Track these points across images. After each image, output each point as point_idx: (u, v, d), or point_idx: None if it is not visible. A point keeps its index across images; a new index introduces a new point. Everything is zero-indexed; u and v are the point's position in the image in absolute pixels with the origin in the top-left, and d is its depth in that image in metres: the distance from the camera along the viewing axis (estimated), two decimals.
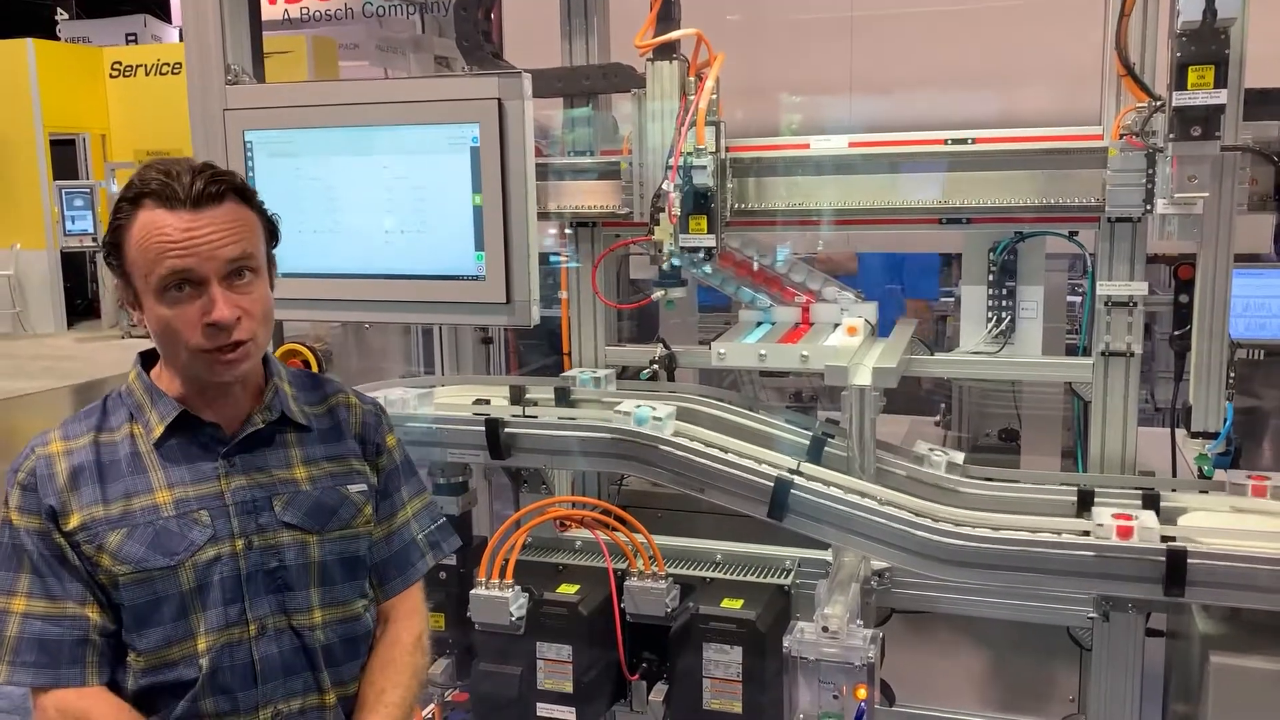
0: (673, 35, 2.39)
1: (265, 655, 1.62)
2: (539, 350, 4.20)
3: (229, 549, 1.60)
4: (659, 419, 2.32)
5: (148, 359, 1.69)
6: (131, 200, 1.55)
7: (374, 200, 2.33)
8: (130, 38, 15.91)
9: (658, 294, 2.47)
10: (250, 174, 2.39)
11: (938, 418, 3.93)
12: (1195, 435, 2.31)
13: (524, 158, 2.21)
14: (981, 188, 2.44)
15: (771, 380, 4.24)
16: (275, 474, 1.66)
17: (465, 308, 2.31)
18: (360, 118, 2.30)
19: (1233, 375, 2.30)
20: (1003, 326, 2.59)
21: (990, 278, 2.60)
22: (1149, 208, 2.23)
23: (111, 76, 14.88)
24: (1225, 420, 2.29)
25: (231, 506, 1.62)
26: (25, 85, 13.76)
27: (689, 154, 2.32)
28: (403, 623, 1.82)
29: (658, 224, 2.34)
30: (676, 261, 2.37)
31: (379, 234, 2.33)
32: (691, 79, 2.39)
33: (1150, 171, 2.21)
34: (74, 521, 1.56)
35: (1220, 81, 2.00)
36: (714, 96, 2.36)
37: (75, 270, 11.53)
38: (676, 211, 2.32)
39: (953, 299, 4.23)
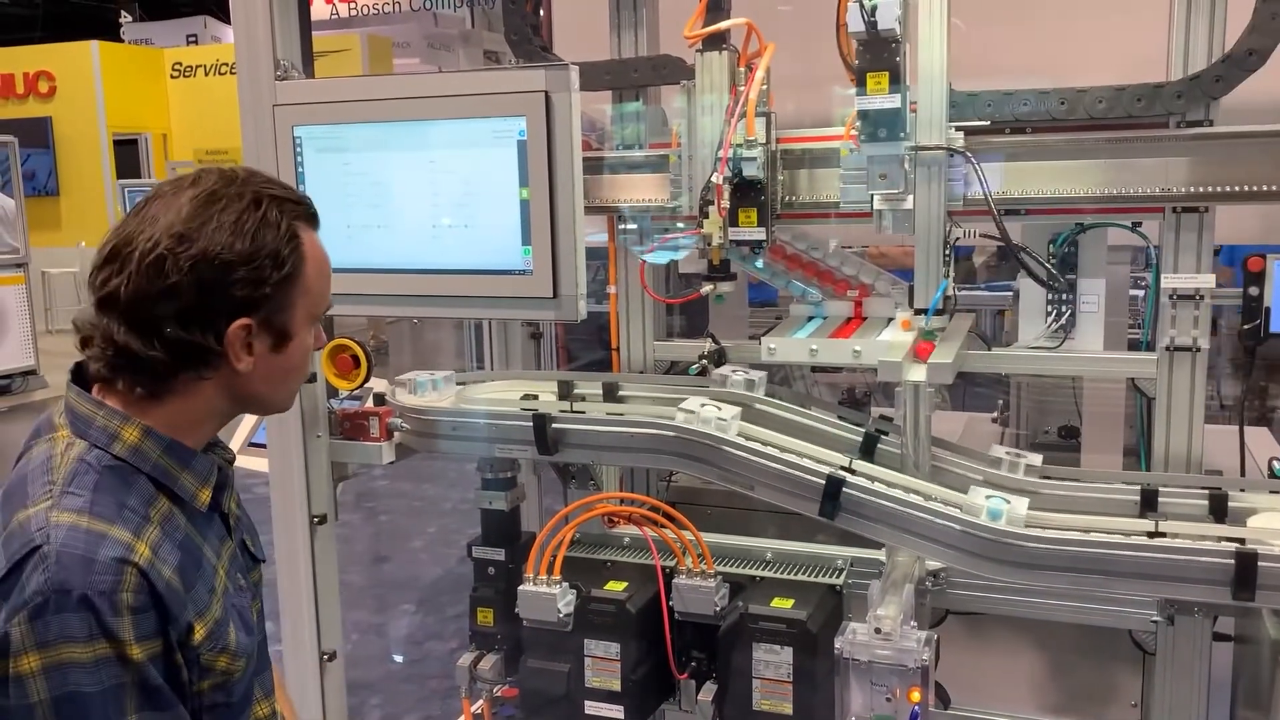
0: (722, 25, 2.35)
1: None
2: (589, 345, 4.19)
3: (255, 602, 1.49)
4: (724, 420, 2.28)
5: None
6: (292, 218, 1.33)
7: (421, 195, 2.32)
8: (191, 39, 16.22)
9: (706, 288, 2.44)
10: (299, 169, 2.39)
11: (995, 414, 3.86)
12: None
13: (571, 151, 2.18)
14: (1041, 177, 2.38)
15: (823, 376, 4.19)
16: (234, 510, 1.50)
17: (512, 302, 2.30)
18: (407, 112, 2.29)
19: None
20: (1063, 321, 2.52)
21: (1050, 270, 2.53)
22: None
23: (172, 77, 15.17)
24: None
25: (241, 558, 1.48)
26: (90, 86, 14.09)
27: (738, 145, 2.28)
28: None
29: (706, 217, 2.30)
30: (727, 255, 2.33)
31: (426, 228, 2.32)
32: (741, 70, 2.35)
33: None
34: (200, 632, 1.29)
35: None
36: (764, 87, 2.32)
37: None
38: (726, 204, 2.28)
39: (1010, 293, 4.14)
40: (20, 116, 13.93)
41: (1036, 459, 2.40)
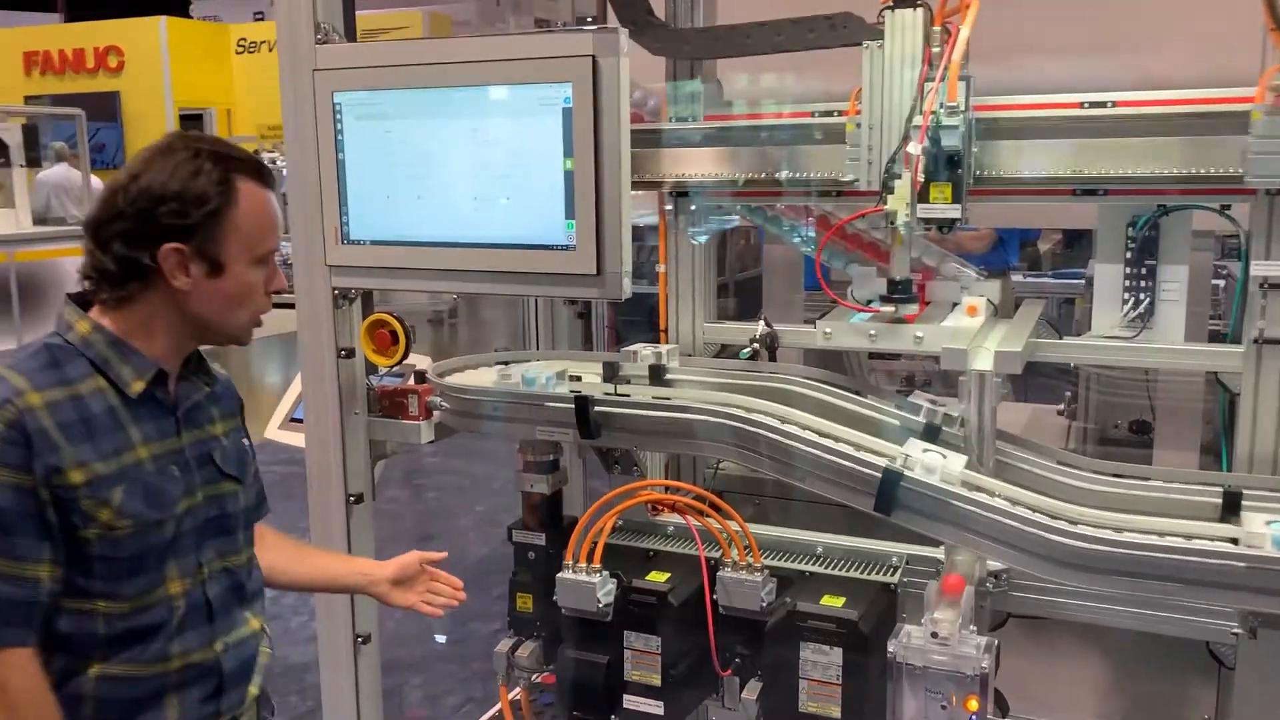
0: None
1: (216, 594, 1.76)
2: (639, 327, 4.08)
3: (194, 501, 1.73)
4: (949, 471, 2.13)
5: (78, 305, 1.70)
6: (227, 170, 1.65)
7: (462, 165, 2.23)
8: (258, 15, 16.34)
9: (886, 309, 2.34)
10: (339, 138, 2.31)
11: (1062, 406, 3.69)
12: None
13: (619, 119, 2.07)
14: (1120, 156, 2.22)
15: (880, 363, 4.04)
16: (206, 430, 1.80)
17: (553, 279, 2.19)
18: (449, 78, 2.19)
19: None
20: (1140, 309, 2.36)
21: (1128, 255, 2.37)
22: None
23: (237, 53, 15.31)
24: None
25: (191, 460, 1.74)
26: (157, 62, 14.27)
27: (938, 112, 2.11)
28: (273, 531, 2.07)
29: (891, 192, 2.13)
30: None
31: (467, 201, 2.22)
32: (935, 30, 2.15)
33: None
34: (77, 477, 1.58)
35: None
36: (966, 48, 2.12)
37: None
38: (921, 177, 2.11)
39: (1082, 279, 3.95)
40: (91, 91, 14.14)
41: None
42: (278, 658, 2.00)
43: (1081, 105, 2.26)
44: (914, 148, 2.12)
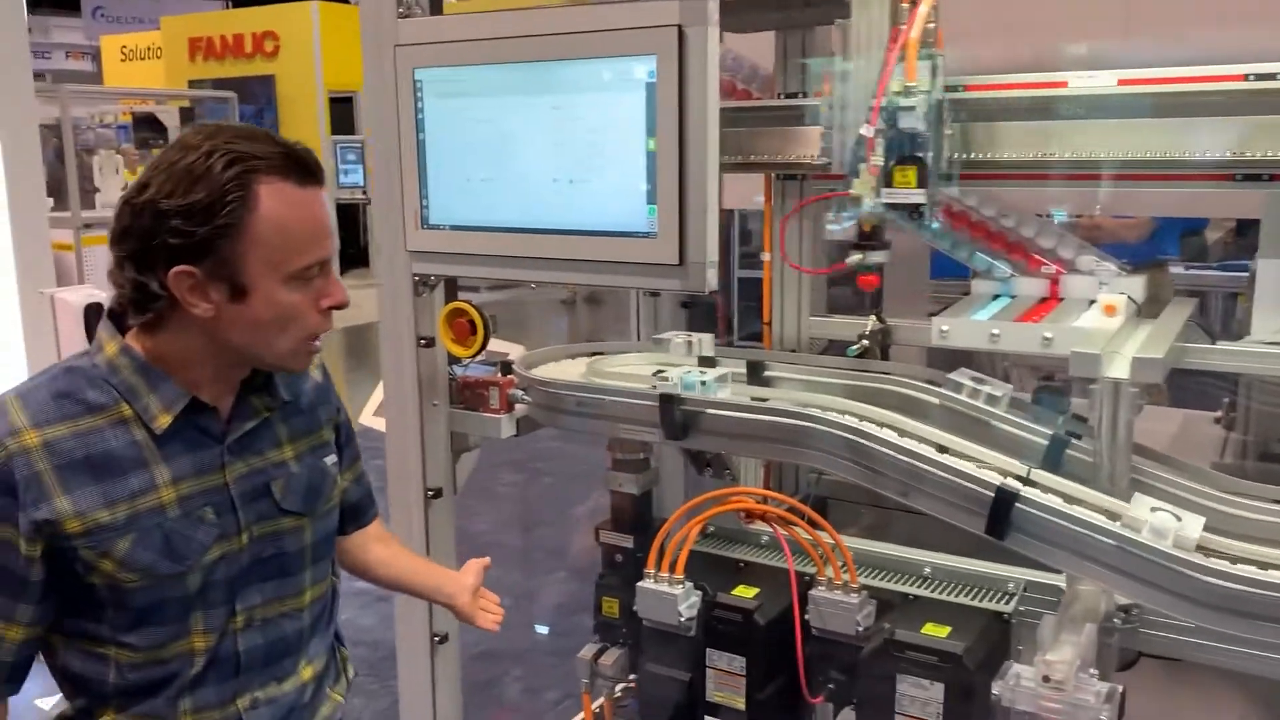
0: None
1: (249, 647, 1.55)
2: (755, 315, 3.90)
3: (235, 546, 1.51)
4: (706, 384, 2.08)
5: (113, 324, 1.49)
6: (243, 172, 1.36)
7: (542, 146, 2.08)
8: None
9: (853, 258, 2.11)
10: (420, 117, 2.20)
11: (1219, 414, 3.33)
12: None
13: (706, 95, 1.89)
14: None
15: (1024, 358, 3.75)
16: (268, 456, 1.56)
17: (633, 269, 2.03)
18: (529, 52, 2.05)
19: None
20: None
21: None
22: None
23: None
24: None
25: (236, 498, 1.51)
26: (309, 46, 14.68)
27: (896, 93, 1.93)
28: (374, 524, 1.89)
29: (857, 176, 1.97)
30: (864, 206, 2.01)
31: (546, 183, 2.08)
32: (905, 6, 1.98)
33: None
34: (73, 526, 1.38)
35: None
36: (930, 25, 1.94)
37: (348, 220, 12.26)
38: (879, 161, 1.93)
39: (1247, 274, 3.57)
40: (248, 74, 14.68)
41: None
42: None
43: (1246, 78, 1.98)
44: (866, 129, 1.96)
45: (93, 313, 3.66)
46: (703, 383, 2.11)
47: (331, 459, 1.67)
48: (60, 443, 1.39)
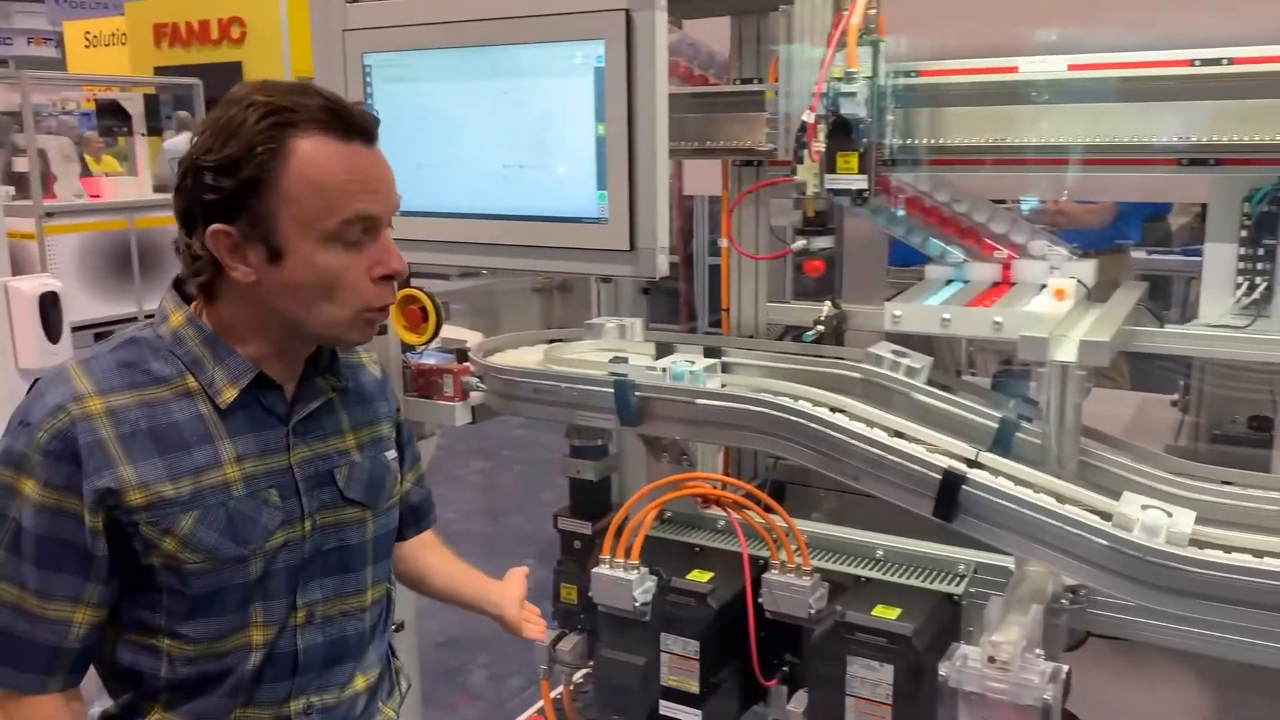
0: None
1: (309, 645, 1.47)
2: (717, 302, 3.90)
3: (298, 533, 1.44)
4: (695, 373, 2.08)
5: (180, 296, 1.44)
6: (276, 125, 1.29)
7: (492, 131, 2.08)
8: None
9: (797, 244, 2.11)
10: (369, 102, 2.19)
11: (1175, 397, 3.37)
12: None
13: (654, 79, 1.88)
14: (1237, 120, 1.95)
15: (989, 344, 3.78)
16: (332, 443, 1.50)
17: (585, 255, 2.03)
18: (477, 36, 2.04)
19: None
20: (1256, 294, 2.08)
21: (1243, 234, 2.09)
22: None
23: None
24: None
25: (301, 483, 1.44)
26: (276, 33, 14.52)
27: (837, 79, 1.93)
28: (435, 542, 1.90)
29: (800, 162, 1.97)
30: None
31: (497, 169, 2.08)
32: None
33: None
34: (136, 499, 1.32)
35: None
36: (872, 11, 1.95)
37: None
38: (819, 147, 1.94)
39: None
40: (215, 61, 14.52)
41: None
42: None
43: (1192, 63, 2.00)
44: (808, 115, 1.99)
45: (48, 302, 3.62)
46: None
47: (392, 454, 1.61)
48: (125, 411, 1.34)
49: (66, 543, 1.33)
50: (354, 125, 1.33)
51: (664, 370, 2.13)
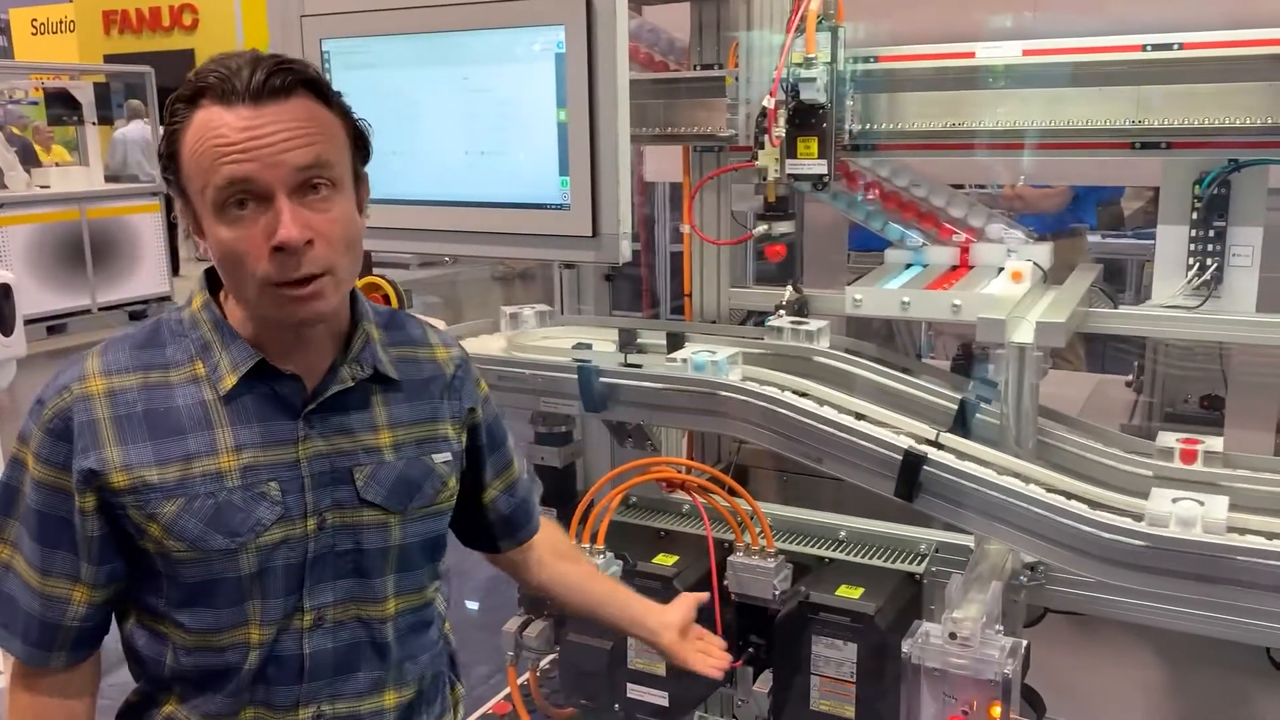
0: None
1: (317, 650, 1.38)
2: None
3: (300, 530, 1.35)
4: (718, 363, 2.06)
5: (215, 281, 1.37)
6: (188, 99, 1.26)
7: (453, 117, 2.08)
8: None
9: (759, 229, 2.13)
10: None
11: (1130, 377, 3.44)
12: None
13: (615, 65, 1.89)
14: (1188, 104, 1.99)
15: (951, 326, 3.82)
16: (359, 439, 1.39)
17: (548, 241, 2.03)
18: (437, 22, 2.03)
19: None
20: (1206, 276, 2.12)
21: (1194, 216, 2.14)
22: None
23: None
24: None
25: (308, 478, 1.35)
26: (230, 20, 14.30)
27: (796, 65, 1.95)
28: (553, 538, 1.78)
29: (762, 147, 1.99)
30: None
31: (459, 156, 2.07)
32: None
33: None
34: (119, 481, 1.29)
35: None
36: None
37: None
38: (780, 132, 1.96)
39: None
40: (166, 49, 14.28)
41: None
42: None
43: (1144, 48, 2.04)
44: (768, 101, 2.01)
45: (1, 294, 3.56)
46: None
47: (443, 458, 1.47)
48: (124, 393, 1.32)
49: (64, 520, 1.32)
50: (236, 90, 1.25)
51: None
